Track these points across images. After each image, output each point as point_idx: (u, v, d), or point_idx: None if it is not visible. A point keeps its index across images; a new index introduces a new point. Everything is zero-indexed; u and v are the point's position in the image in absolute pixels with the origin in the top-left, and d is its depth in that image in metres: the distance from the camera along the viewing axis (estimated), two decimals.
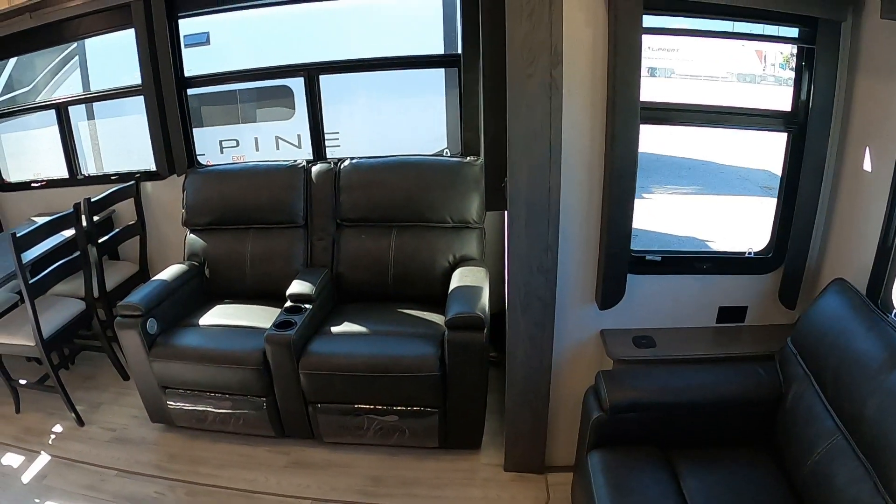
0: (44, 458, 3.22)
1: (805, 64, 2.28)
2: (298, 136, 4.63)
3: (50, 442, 3.35)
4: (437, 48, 3.78)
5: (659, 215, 5.45)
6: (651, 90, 2.22)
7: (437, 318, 2.97)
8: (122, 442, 3.26)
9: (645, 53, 2.14)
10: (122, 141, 4.78)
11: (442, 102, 3.85)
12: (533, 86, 2.10)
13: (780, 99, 2.51)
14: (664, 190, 5.95)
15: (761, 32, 2.35)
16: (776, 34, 2.33)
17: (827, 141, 2.25)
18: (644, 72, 2.17)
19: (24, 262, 3.18)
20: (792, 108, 2.37)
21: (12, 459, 3.26)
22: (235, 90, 4.73)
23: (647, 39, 2.12)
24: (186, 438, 3.20)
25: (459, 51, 3.38)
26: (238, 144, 4.67)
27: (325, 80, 3.68)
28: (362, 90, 3.87)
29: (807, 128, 2.25)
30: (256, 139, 4.73)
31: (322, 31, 4.28)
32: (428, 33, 3.86)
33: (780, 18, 2.21)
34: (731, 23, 2.32)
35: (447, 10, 3.77)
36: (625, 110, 2.17)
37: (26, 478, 3.10)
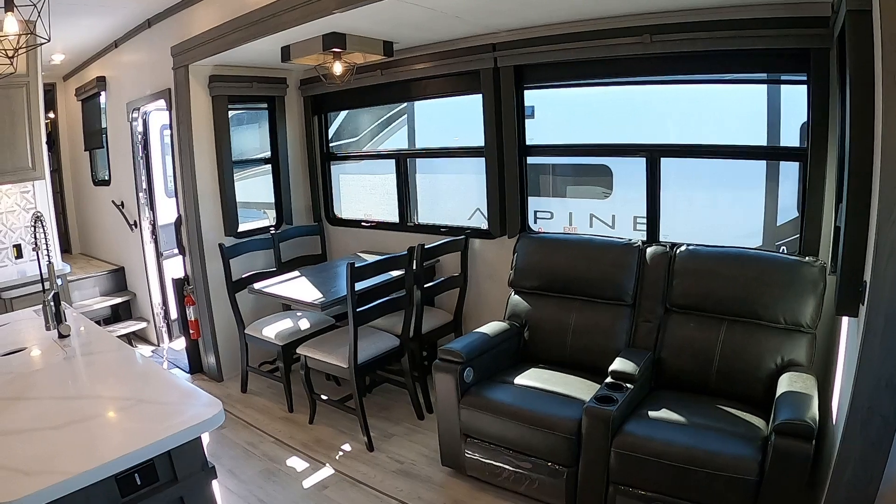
0: (328, 471, 3.48)
1: None
2: (613, 216, 4.59)
3: (337, 458, 3.61)
4: (759, 139, 3.59)
5: None
6: None
7: (757, 421, 2.78)
8: (408, 475, 3.40)
9: None
10: (434, 196, 5.12)
11: (759, 197, 3.65)
12: None
13: None
14: None
15: None
16: None
17: None
18: None
19: (355, 290, 3.51)
20: None
21: (297, 463, 3.58)
22: (550, 164, 4.83)
23: None
24: (472, 488, 3.24)
25: (796, 144, 3.26)
26: (552, 217, 4.74)
27: (632, 163, 3.67)
28: (673, 176, 3.73)
29: None
30: (571, 214, 4.76)
31: (640, 113, 4.23)
32: (750, 124, 3.65)
33: None
34: None
35: (772, 101, 3.58)
36: None
37: (307, 483, 3.38)
